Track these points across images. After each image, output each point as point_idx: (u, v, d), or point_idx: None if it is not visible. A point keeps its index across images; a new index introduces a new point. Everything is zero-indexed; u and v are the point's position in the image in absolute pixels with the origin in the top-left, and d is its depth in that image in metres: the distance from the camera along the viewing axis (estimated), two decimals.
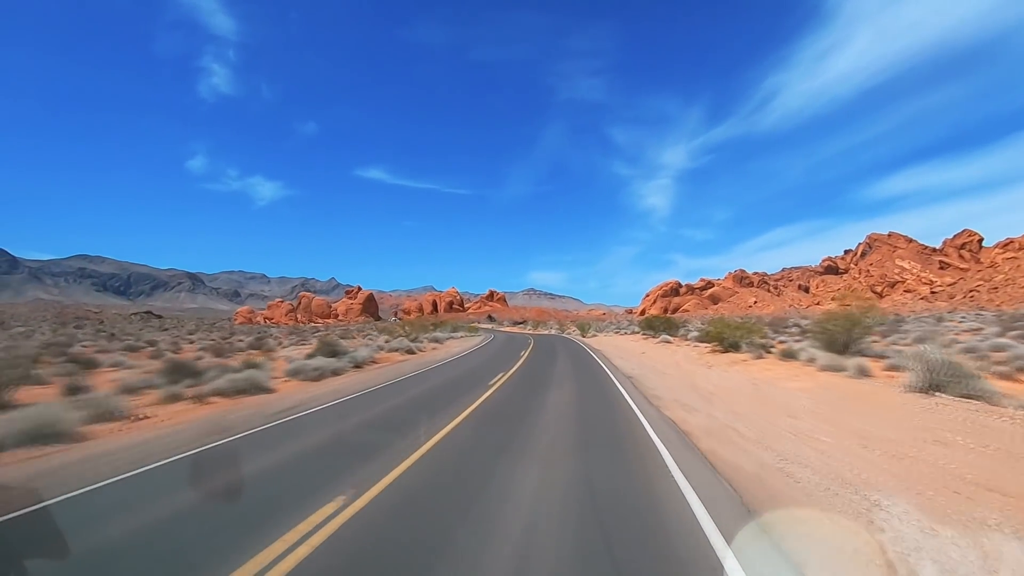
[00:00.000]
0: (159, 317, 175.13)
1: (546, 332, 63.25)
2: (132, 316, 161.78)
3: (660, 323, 42.95)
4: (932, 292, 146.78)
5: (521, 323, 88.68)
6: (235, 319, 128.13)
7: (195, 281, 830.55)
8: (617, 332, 54.52)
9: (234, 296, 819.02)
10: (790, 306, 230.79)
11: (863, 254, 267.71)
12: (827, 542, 4.16)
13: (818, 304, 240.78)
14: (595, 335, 49.38)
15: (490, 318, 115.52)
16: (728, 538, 4.15)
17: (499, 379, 15.11)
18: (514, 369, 18.47)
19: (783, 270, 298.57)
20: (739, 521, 4.52)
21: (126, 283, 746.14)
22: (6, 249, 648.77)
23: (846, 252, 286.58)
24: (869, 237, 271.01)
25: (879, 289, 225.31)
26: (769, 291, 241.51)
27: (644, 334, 42.75)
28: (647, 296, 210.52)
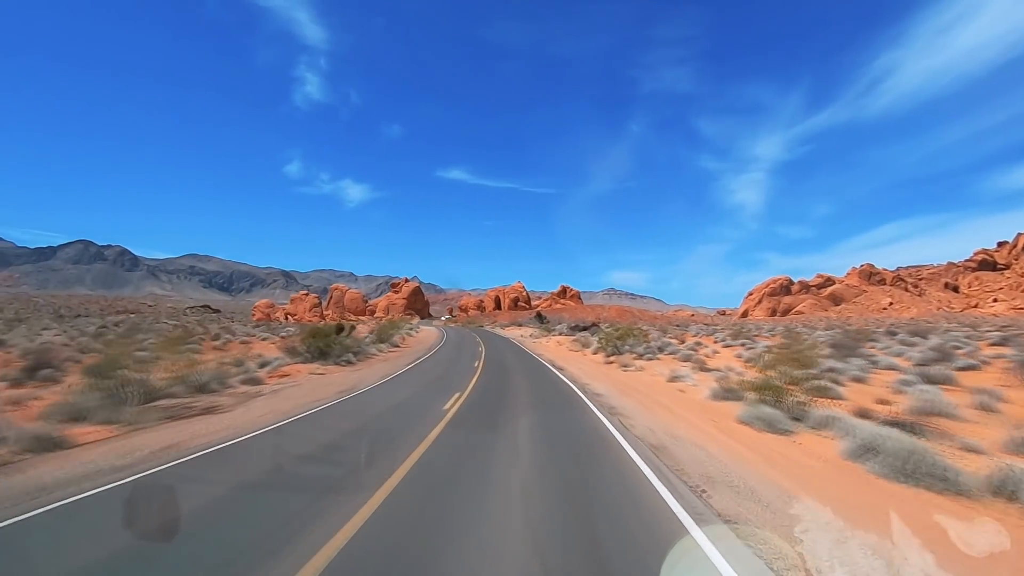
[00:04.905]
0: (216, 311, 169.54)
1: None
2: (188, 310, 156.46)
3: None
4: None
5: (587, 328, 55.55)
6: (253, 314, 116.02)
7: (289, 279, 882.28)
8: None
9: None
10: (938, 308, 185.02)
11: None
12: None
13: (975, 307, 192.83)
14: None
15: (539, 317, 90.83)
16: None
17: None
18: None
19: (897, 268, 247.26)
20: None
21: (229, 280, 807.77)
22: (129, 248, 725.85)
23: (999, 244, 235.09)
24: None
25: None
26: (907, 290, 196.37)
27: None
28: (750, 295, 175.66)
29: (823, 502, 5.87)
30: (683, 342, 36.65)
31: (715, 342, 37.69)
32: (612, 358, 28.05)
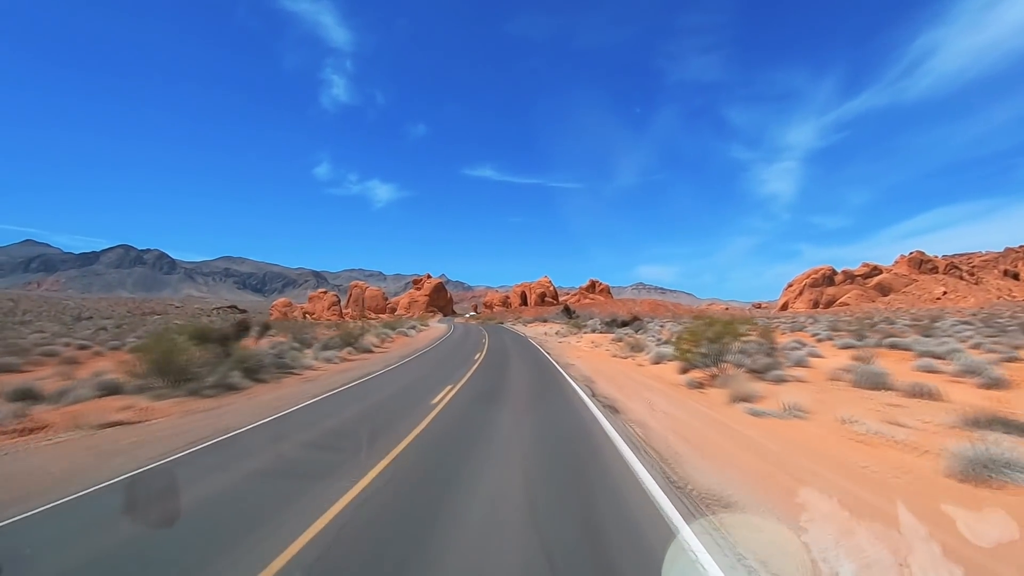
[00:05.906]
0: (242, 311, 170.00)
1: None
2: (214, 311, 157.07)
3: None
4: None
5: (627, 324, 46.67)
6: (271, 313, 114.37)
7: (320, 279, 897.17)
8: None
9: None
10: (998, 297, 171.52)
11: None
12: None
13: None
14: None
15: (567, 311, 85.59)
16: None
17: None
18: None
19: (944, 256, 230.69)
20: None
21: (262, 281, 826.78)
22: (167, 252, 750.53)
23: None
24: None
25: None
26: (962, 279, 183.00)
27: None
28: (790, 286, 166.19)
29: None
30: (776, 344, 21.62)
31: (817, 340, 25.80)
32: (696, 374, 15.02)
